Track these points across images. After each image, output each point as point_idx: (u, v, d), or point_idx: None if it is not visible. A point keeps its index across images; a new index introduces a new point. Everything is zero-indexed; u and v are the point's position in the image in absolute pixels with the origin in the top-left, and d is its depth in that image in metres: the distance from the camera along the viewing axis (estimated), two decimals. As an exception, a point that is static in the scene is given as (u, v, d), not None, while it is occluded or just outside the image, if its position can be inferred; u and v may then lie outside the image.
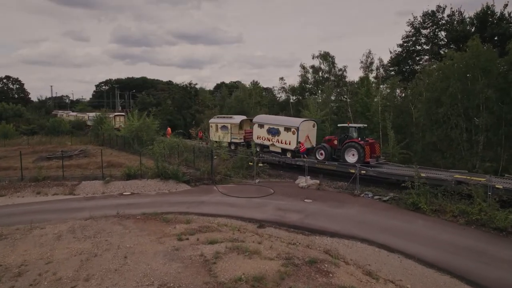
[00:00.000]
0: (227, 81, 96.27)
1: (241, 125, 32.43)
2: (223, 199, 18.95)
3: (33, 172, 22.51)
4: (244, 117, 33.62)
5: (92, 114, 55.41)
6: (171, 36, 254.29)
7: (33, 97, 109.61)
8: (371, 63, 46.07)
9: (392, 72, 46.36)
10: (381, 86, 40.32)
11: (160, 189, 20.72)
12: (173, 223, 13.63)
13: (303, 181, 22.25)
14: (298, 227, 14.45)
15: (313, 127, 27.57)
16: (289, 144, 26.48)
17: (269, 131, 27.90)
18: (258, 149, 28.28)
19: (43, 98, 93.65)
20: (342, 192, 20.34)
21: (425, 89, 26.31)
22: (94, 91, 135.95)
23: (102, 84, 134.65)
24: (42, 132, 50.88)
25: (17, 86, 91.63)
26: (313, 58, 55.70)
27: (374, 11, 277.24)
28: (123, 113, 54.08)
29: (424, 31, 41.94)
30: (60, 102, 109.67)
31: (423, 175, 17.90)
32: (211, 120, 35.18)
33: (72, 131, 51.76)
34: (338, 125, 25.52)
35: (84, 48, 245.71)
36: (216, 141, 33.39)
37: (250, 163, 23.49)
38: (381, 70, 48.61)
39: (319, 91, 57.96)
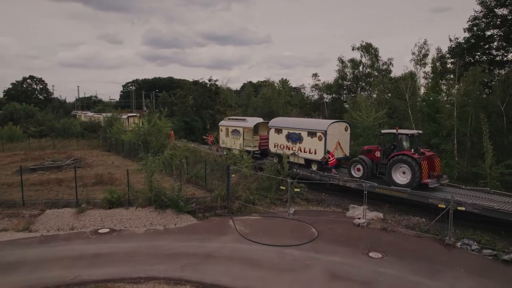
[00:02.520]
0: (255, 81, 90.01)
1: (256, 129, 26.11)
2: (242, 247, 12.40)
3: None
4: (260, 120, 27.27)
5: (107, 115, 50.79)
6: (201, 37, 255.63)
7: (63, 98, 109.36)
8: (426, 54, 38.32)
9: (450, 65, 38.12)
10: (441, 81, 32.50)
11: (153, 223, 14.48)
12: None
13: (359, 213, 15.33)
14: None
15: (346, 130, 20.96)
16: (315, 153, 20.18)
17: (289, 137, 21.61)
18: (276, 160, 21.96)
19: (63, 98, 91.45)
20: (422, 237, 13.24)
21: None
22: (121, 92, 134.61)
23: (129, 84, 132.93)
24: (52, 134, 46.61)
25: (41, 86, 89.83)
26: (353, 49, 48.36)
27: (406, 9, 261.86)
28: (137, 114, 48.89)
29: (501, 11, 33.41)
30: (89, 103, 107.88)
31: None
32: (222, 123, 29.16)
33: (83, 134, 47.21)
34: (382, 131, 18.42)
35: (118, 51, 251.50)
36: (226, 148, 27.43)
37: (282, 188, 16.76)
38: (437, 63, 40.52)
39: (359, 88, 50.38)
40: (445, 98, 23.84)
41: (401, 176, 16.35)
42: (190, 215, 15.21)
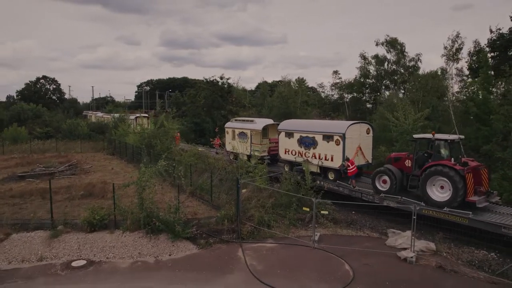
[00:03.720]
0: (270, 81, 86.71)
1: (265, 132, 23.08)
2: (253, 294, 9.26)
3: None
4: (269, 121, 24.30)
5: (114, 116, 48.60)
6: (216, 38, 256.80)
7: (80, 98, 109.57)
8: (459, 49, 34.37)
9: (490, 59, 34.06)
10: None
11: (142, 253, 11.49)
12: None
13: (404, 242, 11.96)
14: None
15: (367, 133, 17.93)
16: (331, 160, 17.37)
17: (301, 141, 18.89)
18: (287, 168, 19.59)
19: (74, 98, 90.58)
20: (499, 284, 9.77)
21: None
22: (136, 92, 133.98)
23: (144, 85, 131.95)
24: (58, 136, 44.61)
25: (54, 86, 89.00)
26: (376, 45, 44.59)
27: (424, 8, 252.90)
28: (147, 115, 46.41)
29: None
30: (103, 103, 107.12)
31: None
32: (228, 124, 26.35)
33: (90, 135, 45.03)
34: (414, 136, 15.01)
35: (135, 52, 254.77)
36: (232, 152, 24.65)
37: (305, 209, 13.45)
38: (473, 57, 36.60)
39: (382, 87, 46.40)
40: (496, 96, 20.08)
41: (439, 192, 13.17)
42: (190, 242, 12.16)
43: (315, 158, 18.24)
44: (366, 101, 46.08)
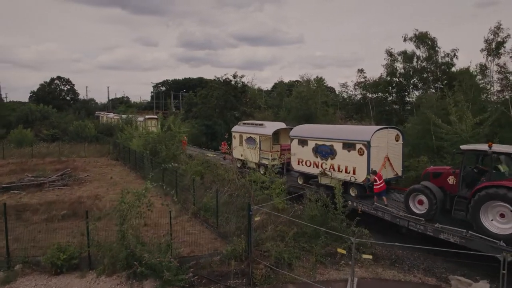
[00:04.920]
0: (286, 81, 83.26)
1: (276, 137, 20.27)
2: None
3: None
4: (281, 125, 21.35)
5: (121, 117, 46.40)
6: (233, 38, 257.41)
7: (97, 99, 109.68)
8: (501, 42, 30.52)
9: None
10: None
11: (118, 310, 8.50)
12: None
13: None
14: None
15: (397, 141, 15.14)
16: (353, 173, 14.64)
17: (317, 150, 16.25)
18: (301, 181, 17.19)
19: (85, 99, 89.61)
20: None
21: None
22: (151, 92, 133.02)
23: (159, 85, 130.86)
24: (65, 138, 42.64)
25: (68, 87, 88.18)
26: (404, 40, 40.51)
27: (445, 5, 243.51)
28: (156, 116, 43.87)
29: None
30: (119, 104, 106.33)
31: None
32: (235, 128, 23.47)
33: (97, 137, 42.86)
34: (462, 147, 11.58)
35: (153, 53, 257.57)
36: (239, 159, 22.13)
37: (340, 251, 10.12)
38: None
39: (410, 86, 42.31)
40: None
41: (498, 222, 10.12)
42: (184, 291, 9.10)
43: (334, 170, 15.37)
44: (393, 101, 42.12)
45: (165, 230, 10.98)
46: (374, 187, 13.50)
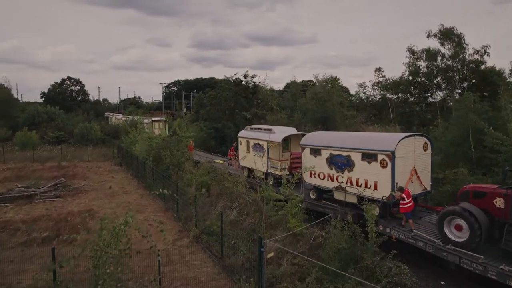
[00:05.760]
0: (299, 80, 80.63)
1: (286, 144, 18.27)
2: None
3: None
4: (291, 131, 19.30)
5: (127, 118, 44.78)
6: (246, 38, 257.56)
7: (110, 100, 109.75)
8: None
9: None
10: None
11: None
12: None
13: None
14: None
15: (425, 150, 13.03)
16: (374, 188, 12.49)
17: (332, 161, 14.19)
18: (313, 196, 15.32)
19: (99, 99, 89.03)
20: None
21: None
22: (163, 92, 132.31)
23: (171, 85, 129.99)
24: (70, 140, 41.25)
25: (78, 87, 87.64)
26: (428, 36, 37.77)
27: (459, 2, 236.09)
28: (163, 118, 42.08)
29: None
30: (130, 104, 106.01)
31: None
32: (241, 133, 21.52)
33: (104, 140, 41.35)
34: None
35: (166, 53, 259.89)
36: (246, 167, 20.30)
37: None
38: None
39: (433, 86, 39.41)
40: None
41: None
42: None
43: (351, 184, 13.27)
44: (415, 102, 39.30)
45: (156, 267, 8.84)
46: (401, 206, 11.31)
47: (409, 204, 11.22)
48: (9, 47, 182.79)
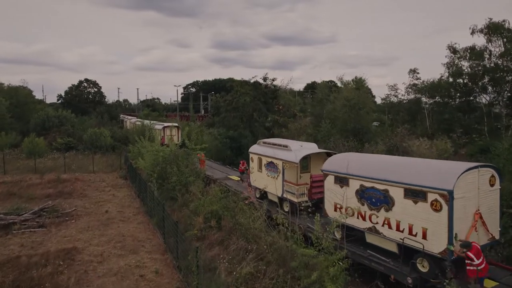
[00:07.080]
0: (318, 81, 76.52)
1: (305, 164, 14.87)
2: None
3: None
4: (312, 149, 15.49)
5: (138, 123, 42.25)
6: (265, 39, 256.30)
7: (130, 100, 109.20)
8: None
9: None
10: None
11: None
12: None
13: None
14: None
15: (492, 186, 9.43)
16: (423, 237, 9.04)
17: (363, 195, 10.80)
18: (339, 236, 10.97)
19: (110, 101, 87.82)
20: None
21: None
22: (182, 94, 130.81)
23: (189, 86, 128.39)
24: (80, 147, 38.97)
25: (95, 89, 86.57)
26: (472, 33, 33.25)
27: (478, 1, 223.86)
28: (177, 124, 39.08)
29: None
30: (151, 105, 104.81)
31: None
32: (252, 149, 18.16)
33: (114, 147, 38.83)
34: None
35: (186, 54, 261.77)
36: (258, 188, 16.97)
37: None
38: None
39: (476, 89, 34.76)
40: None
41: None
42: None
43: (389, 227, 9.87)
44: (457, 107, 34.71)
45: None
46: (468, 267, 7.93)
47: (481, 266, 7.76)
48: (37, 50, 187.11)
